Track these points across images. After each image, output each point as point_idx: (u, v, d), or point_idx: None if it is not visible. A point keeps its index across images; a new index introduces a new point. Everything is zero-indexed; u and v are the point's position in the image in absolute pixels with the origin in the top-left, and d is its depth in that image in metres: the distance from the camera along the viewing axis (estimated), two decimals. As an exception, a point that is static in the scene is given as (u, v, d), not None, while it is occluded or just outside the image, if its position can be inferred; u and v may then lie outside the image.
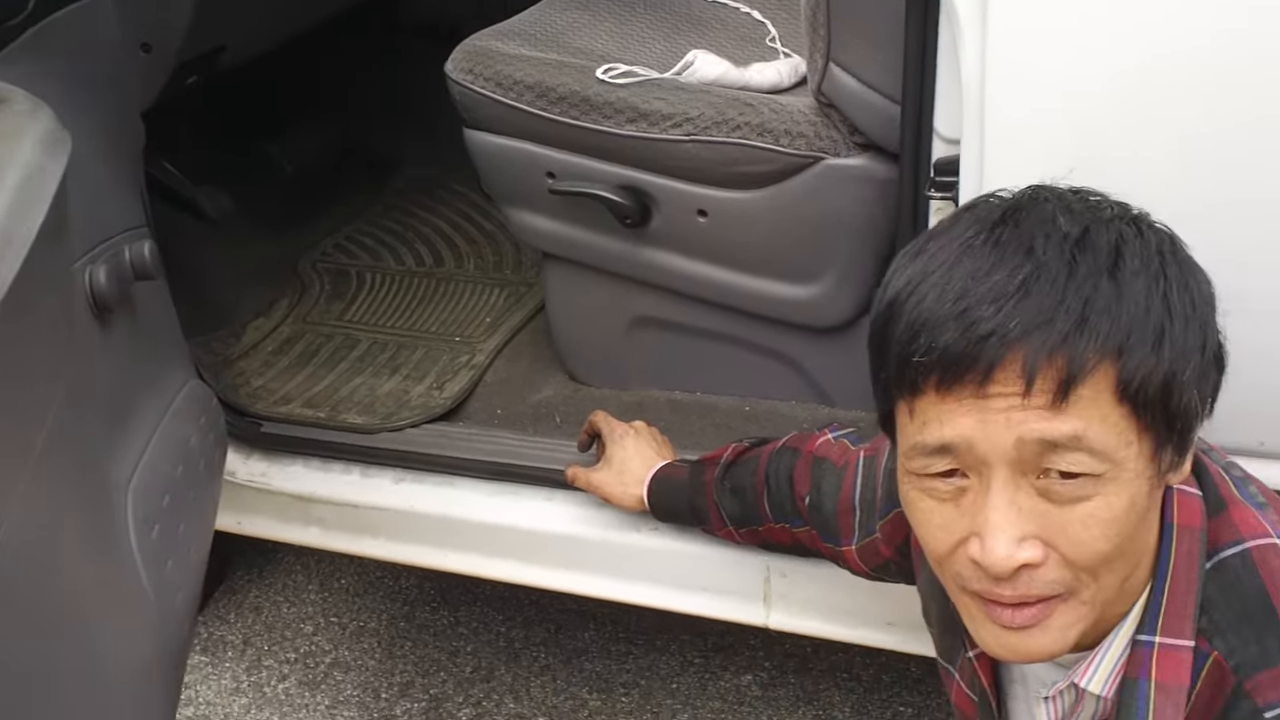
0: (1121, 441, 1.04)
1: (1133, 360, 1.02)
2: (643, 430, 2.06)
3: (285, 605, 2.94)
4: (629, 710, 2.59)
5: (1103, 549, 1.07)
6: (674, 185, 2.09)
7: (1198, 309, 1.06)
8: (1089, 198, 1.12)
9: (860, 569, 1.69)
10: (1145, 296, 1.03)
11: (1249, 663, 1.11)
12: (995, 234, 1.06)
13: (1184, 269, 1.07)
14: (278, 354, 2.71)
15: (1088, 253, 1.03)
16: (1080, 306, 1.01)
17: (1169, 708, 1.13)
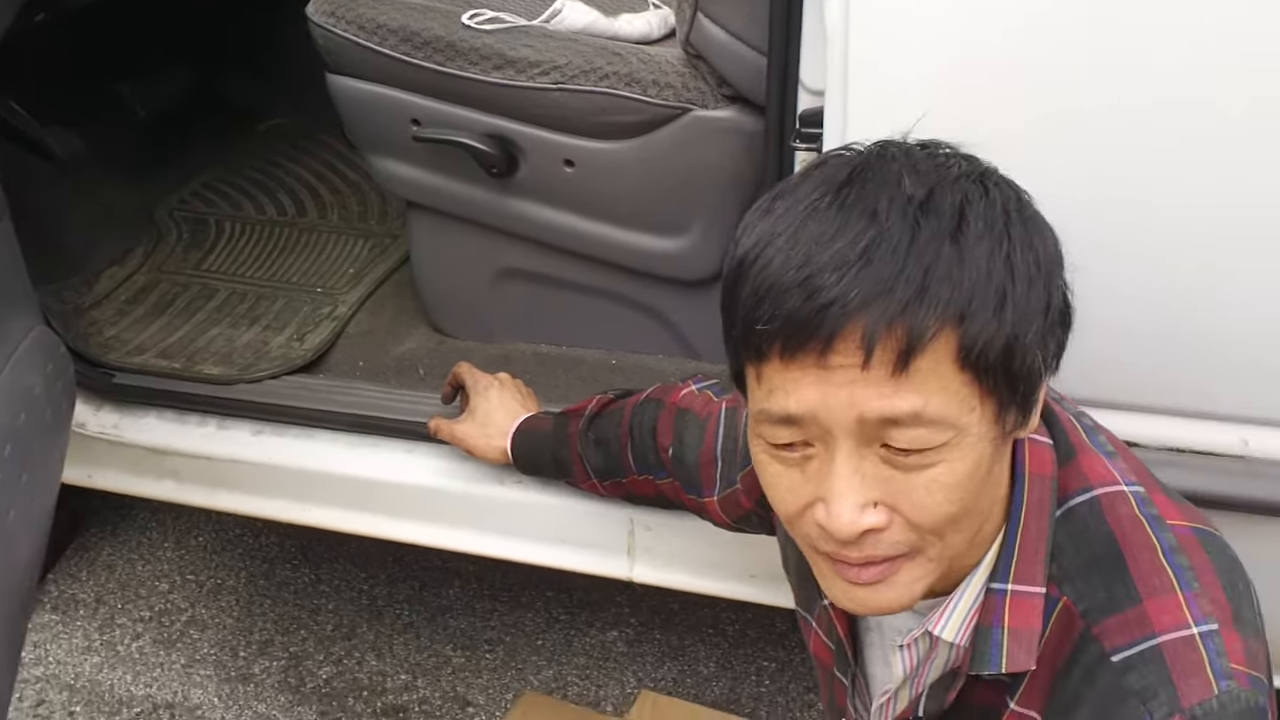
0: (964, 408, 1.04)
1: (974, 326, 1.01)
2: (507, 382, 2.04)
3: (140, 562, 2.88)
4: (493, 667, 2.58)
5: (947, 511, 1.08)
6: (541, 134, 2.07)
7: (1042, 269, 1.05)
8: (937, 154, 1.10)
9: (722, 520, 1.69)
10: (987, 260, 1.02)
11: (1097, 608, 1.13)
12: (841, 196, 1.04)
13: (1029, 227, 1.06)
14: (132, 303, 2.64)
15: (931, 216, 1.01)
16: (921, 275, 0.99)
17: (1021, 653, 1.15)
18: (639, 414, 1.79)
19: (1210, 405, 1.64)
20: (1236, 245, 1.51)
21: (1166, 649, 1.08)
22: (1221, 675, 1.07)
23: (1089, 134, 1.49)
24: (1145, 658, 1.08)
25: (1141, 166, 1.50)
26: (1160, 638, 1.09)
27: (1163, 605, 1.10)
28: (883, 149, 1.10)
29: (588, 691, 2.53)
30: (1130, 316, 1.57)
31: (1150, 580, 1.12)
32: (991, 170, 1.10)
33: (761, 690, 2.51)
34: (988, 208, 1.04)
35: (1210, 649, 1.08)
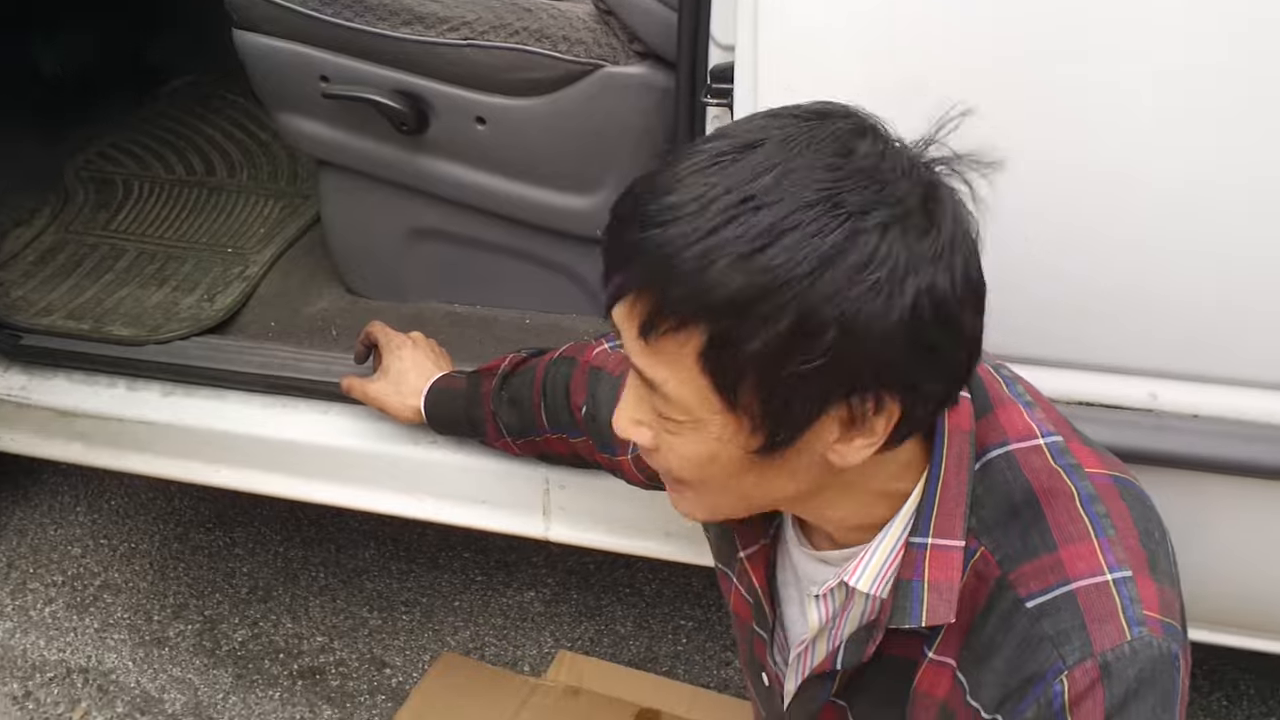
0: (706, 407, 1.06)
1: (719, 340, 1.01)
2: (420, 341, 2.03)
3: (52, 527, 2.85)
4: (410, 628, 2.58)
5: (684, 476, 1.14)
6: (451, 91, 2.05)
7: (843, 327, 0.99)
8: (847, 163, 1.02)
9: (636, 478, 1.69)
10: (763, 292, 0.98)
11: (1013, 556, 1.14)
12: (714, 161, 1.03)
13: (856, 288, 0.99)
14: (39, 264, 2.60)
15: (741, 227, 0.99)
16: (688, 272, 0.99)
17: (941, 605, 1.16)
18: (552, 372, 1.79)
19: (1119, 359, 1.66)
20: (1145, 199, 1.52)
21: (1080, 595, 1.10)
22: (1134, 622, 1.08)
23: (999, 87, 1.50)
24: (1059, 604, 1.10)
25: (1052, 120, 1.51)
26: (1074, 584, 1.10)
27: (1077, 552, 1.12)
28: (813, 129, 1.04)
29: (505, 652, 2.53)
30: (1040, 271, 1.58)
31: (1066, 528, 1.13)
32: (884, 214, 1.00)
33: (679, 648, 2.52)
34: (811, 246, 0.98)
35: (1124, 595, 1.09)
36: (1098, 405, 1.68)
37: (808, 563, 1.30)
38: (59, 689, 2.48)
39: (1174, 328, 1.60)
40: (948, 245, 1.02)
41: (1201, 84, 1.44)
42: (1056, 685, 1.08)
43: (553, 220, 2.15)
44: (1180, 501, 1.42)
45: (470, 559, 2.72)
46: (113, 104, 3.15)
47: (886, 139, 1.05)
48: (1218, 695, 2.38)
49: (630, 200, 1.05)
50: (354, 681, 2.47)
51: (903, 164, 1.03)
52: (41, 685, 2.49)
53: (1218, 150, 1.47)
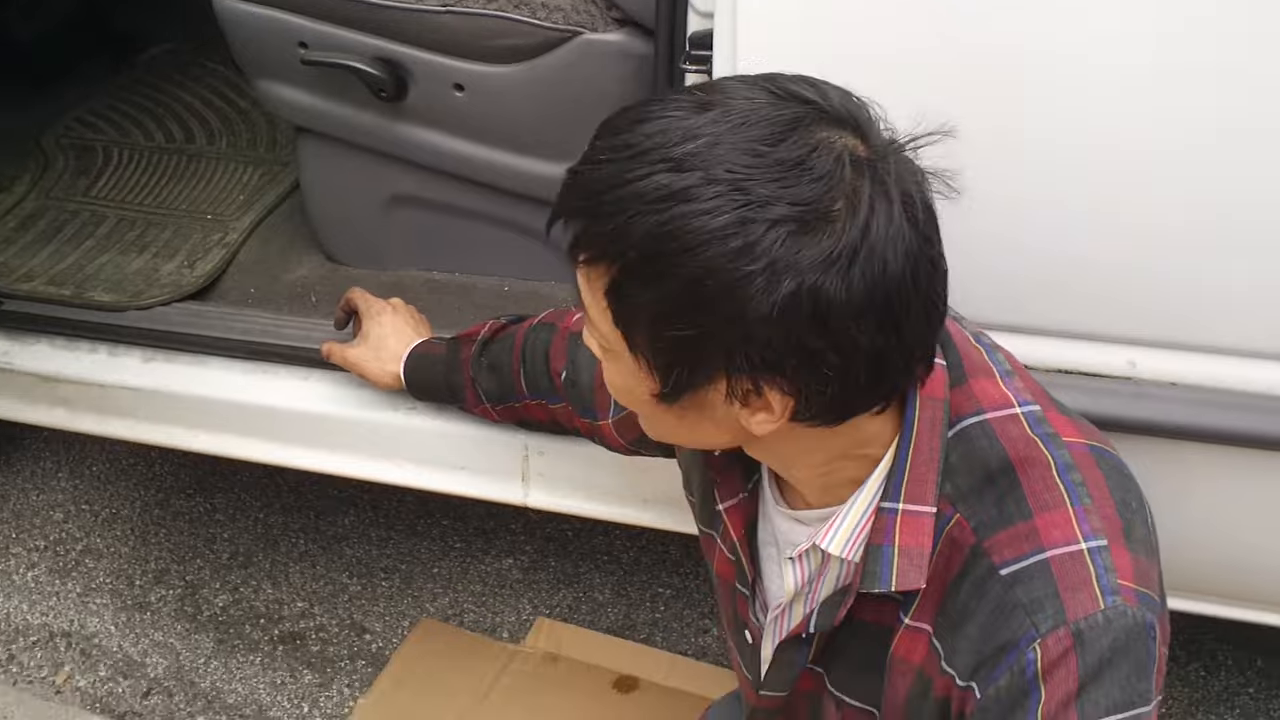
0: (615, 337, 1.10)
1: (619, 285, 1.05)
2: (400, 307, 2.03)
3: (34, 492, 2.85)
4: (390, 595, 2.59)
5: (623, 400, 1.19)
6: (430, 58, 2.05)
7: (715, 307, 1.02)
8: (787, 150, 1.01)
9: (617, 443, 1.70)
10: (654, 250, 1.01)
11: (988, 524, 1.15)
12: (667, 109, 1.04)
13: (735, 271, 1.00)
14: (20, 230, 2.59)
15: (654, 185, 1.00)
16: (608, 215, 1.02)
17: (912, 570, 1.17)
18: (531, 338, 1.79)
19: (1097, 327, 1.67)
20: (1125, 167, 1.53)
21: (1054, 563, 1.10)
22: (1108, 591, 1.09)
23: (979, 53, 1.51)
24: (1032, 571, 1.11)
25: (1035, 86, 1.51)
26: (1048, 552, 1.11)
27: (1053, 520, 1.12)
28: (761, 107, 1.04)
29: (484, 618, 2.54)
30: (1019, 238, 1.59)
31: (1042, 496, 1.14)
32: (786, 208, 1.00)
33: (656, 616, 2.54)
34: (701, 224, 1.00)
35: (1098, 564, 1.10)
36: (1076, 373, 1.70)
37: (784, 521, 1.31)
38: (42, 653, 2.50)
39: (1153, 295, 1.61)
40: (846, 254, 1.00)
41: (1176, 44, 1.45)
42: (1030, 653, 1.09)
43: (531, 187, 2.15)
44: (1159, 470, 1.43)
45: (449, 526, 2.73)
46: (91, 71, 3.14)
47: (828, 137, 1.03)
48: (1195, 665, 2.41)
49: (598, 133, 1.09)
50: (334, 647, 2.49)
51: (828, 165, 1.01)
52: (25, 649, 2.50)
53: (1194, 113, 1.48)
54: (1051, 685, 1.08)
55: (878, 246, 1.01)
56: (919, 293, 1.05)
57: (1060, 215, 1.57)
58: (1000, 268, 1.60)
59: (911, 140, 1.07)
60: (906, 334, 1.06)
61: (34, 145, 2.89)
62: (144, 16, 3.24)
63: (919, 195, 1.05)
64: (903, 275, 1.02)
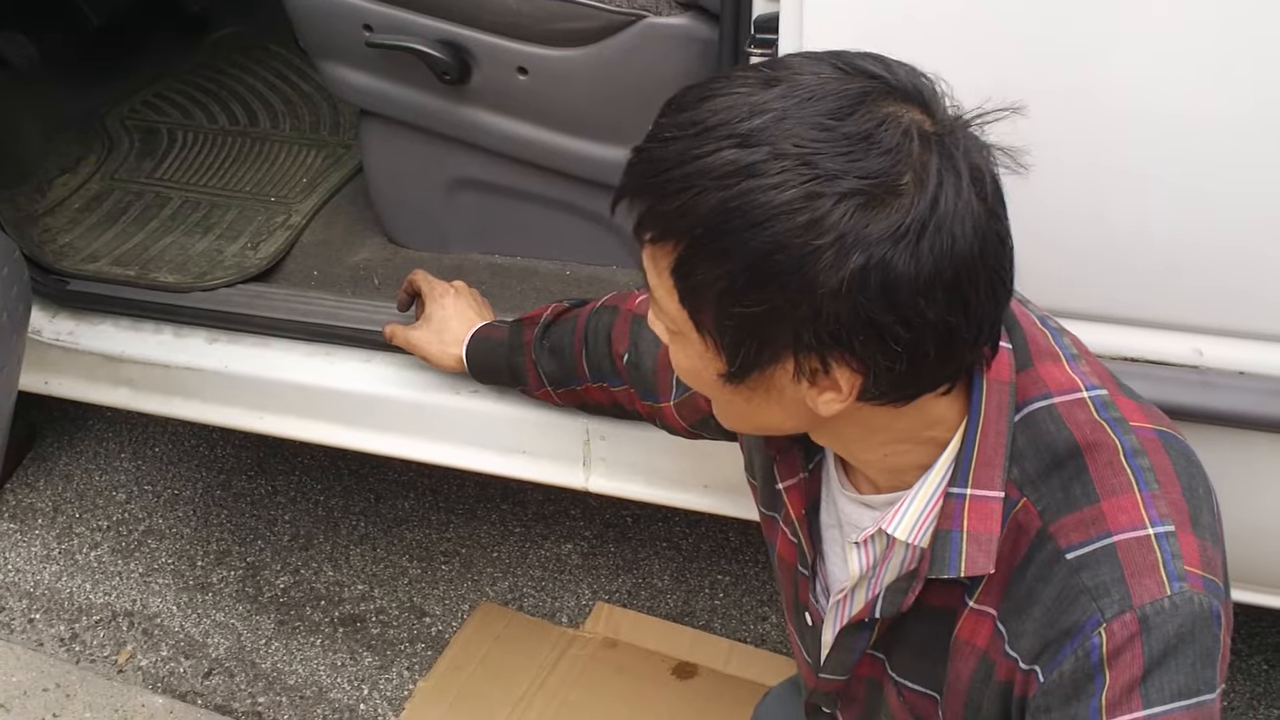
0: (681, 318, 1.08)
1: (686, 261, 1.04)
2: (463, 290, 2.03)
3: (97, 473, 2.88)
4: (449, 578, 2.60)
5: (690, 383, 1.18)
6: (494, 41, 2.05)
7: (783, 282, 1.00)
8: (854, 125, 1.00)
9: (679, 426, 1.69)
10: (722, 226, 1.00)
11: (1054, 507, 1.14)
12: (734, 85, 1.04)
13: (804, 246, 0.99)
14: (85, 211, 2.62)
15: (722, 161, 1.00)
16: (672, 193, 1.02)
17: (980, 556, 1.16)
18: (594, 321, 1.79)
19: (1165, 315, 1.65)
20: (1193, 154, 1.51)
21: (1121, 548, 1.09)
22: (1175, 577, 1.07)
23: (1048, 40, 1.49)
24: (1099, 556, 1.09)
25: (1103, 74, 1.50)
26: (1115, 536, 1.10)
27: (1120, 505, 1.11)
28: (828, 84, 1.03)
29: (543, 603, 2.54)
30: (1087, 225, 1.58)
31: (1109, 481, 1.12)
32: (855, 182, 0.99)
33: (715, 603, 2.53)
34: (769, 198, 0.99)
35: (1165, 550, 1.09)
36: (1143, 361, 1.68)
37: (849, 505, 1.30)
38: (105, 632, 2.52)
39: (1221, 282, 1.59)
40: (915, 228, 0.99)
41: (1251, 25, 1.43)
42: (1095, 638, 1.08)
43: (593, 171, 2.14)
44: (1226, 458, 1.42)
45: (508, 510, 2.73)
46: (157, 53, 3.16)
47: (895, 111, 1.02)
48: (1258, 659, 2.37)
49: (661, 109, 1.08)
50: (394, 630, 2.50)
51: (896, 139, 1.00)
52: (88, 628, 2.53)
53: (1270, 96, 1.46)
54: (1116, 670, 1.07)
55: (946, 220, 1.00)
56: (987, 268, 1.04)
57: (1128, 200, 1.56)
58: (1065, 252, 1.58)
59: (979, 116, 1.06)
60: (974, 309, 1.04)
61: (100, 127, 2.92)
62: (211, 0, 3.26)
63: (987, 170, 1.04)
64: (971, 250, 1.01)
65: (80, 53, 3.02)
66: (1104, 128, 1.52)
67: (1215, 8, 1.43)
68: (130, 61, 3.10)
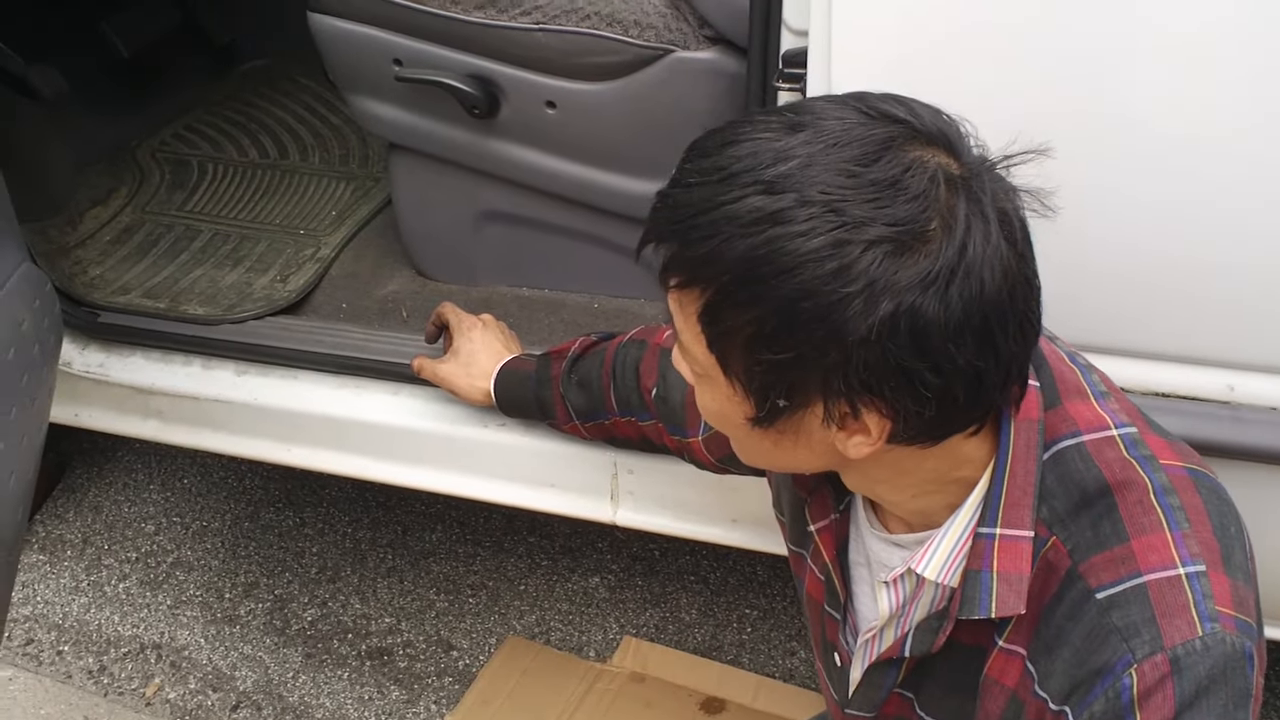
0: (709, 362, 1.09)
1: (713, 308, 1.04)
2: (491, 323, 2.03)
3: (126, 504, 2.89)
4: (476, 611, 2.59)
5: (716, 425, 1.19)
6: (522, 75, 2.05)
7: (811, 329, 1.00)
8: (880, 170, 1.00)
9: (707, 460, 1.68)
10: (749, 274, 1.00)
11: (1084, 546, 1.13)
12: (759, 129, 1.04)
13: (832, 295, 0.98)
14: (116, 243, 2.63)
15: (749, 208, 0.99)
16: (695, 234, 1.02)
17: (1011, 595, 1.15)
18: (622, 355, 1.79)
19: (1196, 350, 1.64)
20: (1223, 188, 1.50)
21: (1152, 587, 1.08)
22: (1206, 617, 1.06)
23: (1074, 76, 1.48)
24: (1129, 596, 1.08)
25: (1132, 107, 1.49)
26: (1145, 576, 1.09)
27: (1150, 544, 1.10)
28: (852, 128, 1.03)
29: (570, 637, 2.54)
30: (1115, 260, 1.57)
31: (1139, 520, 1.11)
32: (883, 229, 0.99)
33: (744, 638, 2.52)
34: (797, 245, 0.98)
35: (1196, 590, 1.08)
36: (1174, 396, 1.67)
37: (878, 545, 1.30)
38: (133, 664, 2.52)
39: (1253, 317, 1.58)
40: (944, 274, 0.99)
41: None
42: (1125, 679, 1.06)
43: (622, 205, 2.14)
44: (1258, 495, 1.41)
45: (535, 543, 2.73)
46: (187, 86, 3.19)
47: (921, 156, 1.02)
48: (1292, 697, 2.36)
49: (684, 153, 1.08)
50: (421, 663, 2.49)
51: (923, 185, 1.00)
52: (116, 660, 2.53)
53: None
54: (1147, 712, 1.06)
55: (975, 266, 0.99)
56: (1015, 311, 1.03)
57: (1158, 233, 1.55)
58: (1095, 286, 1.58)
59: (1005, 160, 1.06)
60: (1003, 353, 1.04)
61: (130, 159, 2.94)
62: (240, 32, 3.28)
63: (1014, 213, 1.04)
64: (1000, 294, 1.01)
65: (111, 85, 3.04)
66: (1134, 160, 1.51)
67: (1248, 36, 1.42)
68: (160, 93, 3.13)
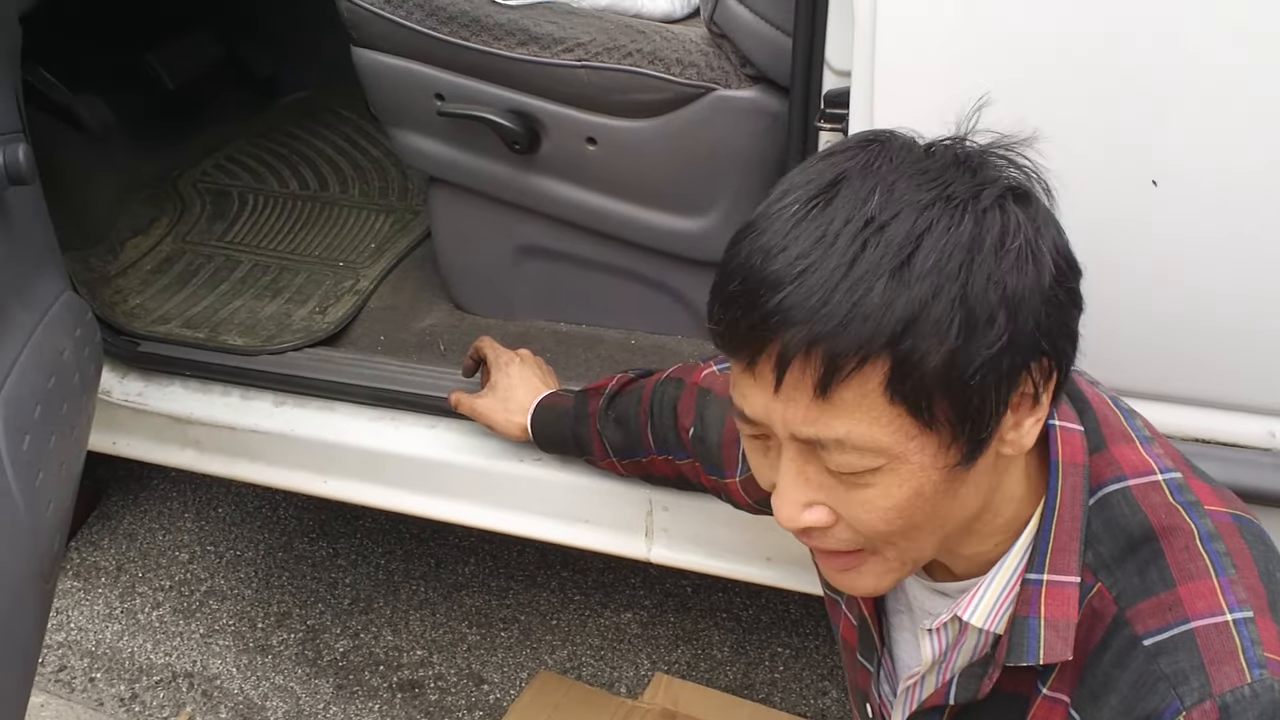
0: (899, 438, 1.02)
1: (905, 362, 0.99)
2: (528, 358, 2.04)
3: (160, 532, 2.90)
4: (508, 645, 2.59)
5: (884, 530, 1.07)
6: (564, 111, 2.06)
7: (1009, 306, 1.00)
8: (941, 162, 1.04)
9: (743, 501, 1.67)
10: (929, 298, 0.98)
11: (1130, 592, 1.12)
12: (809, 206, 1.02)
13: (1004, 261, 1.00)
14: (156, 273, 2.65)
15: (879, 247, 0.98)
16: (847, 308, 0.97)
17: (1059, 642, 1.14)
18: (660, 393, 1.79)
19: (1238, 397, 1.63)
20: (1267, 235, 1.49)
21: (1199, 634, 1.07)
22: (1255, 664, 1.05)
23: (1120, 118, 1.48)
24: (1177, 642, 1.07)
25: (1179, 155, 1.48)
26: (1193, 623, 1.08)
27: (1197, 590, 1.09)
28: (881, 150, 1.06)
29: (602, 672, 2.53)
30: (1158, 306, 1.56)
31: (1185, 566, 1.10)
32: (993, 191, 1.03)
33: (775, 676, 2.51)
34: (950, 240, 0.99)
35: (1244, 636, 1.06)
36: (1215, 443, 1.66)
37: (923, 593, 1.29)
38: (164, 693, 2.53)
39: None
40: (1047, 209, 1.05)
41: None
42: (1175, 726, 1.06)
43: (661, 242, 2.15)
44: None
45: (568, 578, 2.73)
46: (229, 117, 3.22)
47: (939, 140, 1.07)
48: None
49: (741, 276, 1.02)
50: (452, 696, 2.49)
51: (974, 154, 1.05)
52: (148, 688, 2.54)
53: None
54: None
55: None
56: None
57: (1200, 279, 1.54)
58: (1137, 332, 1.57)
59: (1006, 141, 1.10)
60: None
61: (172, 189, 2.96)
62: (282, 64, 3.31)
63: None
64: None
65: (154, 116, 3.07)
66: (1177, 203, 1.50)
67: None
68: (202, 125, 3.16)
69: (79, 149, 2.82)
